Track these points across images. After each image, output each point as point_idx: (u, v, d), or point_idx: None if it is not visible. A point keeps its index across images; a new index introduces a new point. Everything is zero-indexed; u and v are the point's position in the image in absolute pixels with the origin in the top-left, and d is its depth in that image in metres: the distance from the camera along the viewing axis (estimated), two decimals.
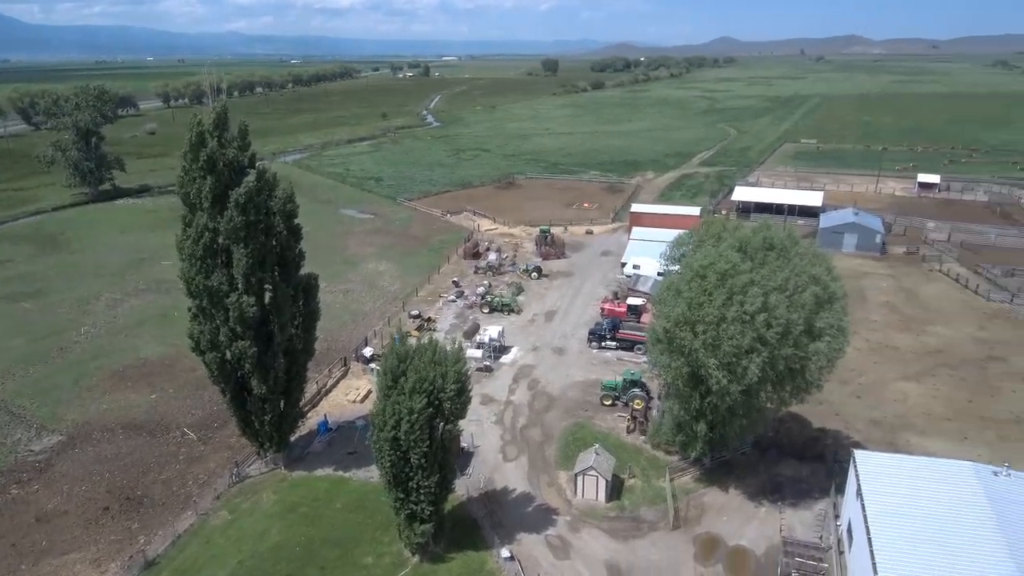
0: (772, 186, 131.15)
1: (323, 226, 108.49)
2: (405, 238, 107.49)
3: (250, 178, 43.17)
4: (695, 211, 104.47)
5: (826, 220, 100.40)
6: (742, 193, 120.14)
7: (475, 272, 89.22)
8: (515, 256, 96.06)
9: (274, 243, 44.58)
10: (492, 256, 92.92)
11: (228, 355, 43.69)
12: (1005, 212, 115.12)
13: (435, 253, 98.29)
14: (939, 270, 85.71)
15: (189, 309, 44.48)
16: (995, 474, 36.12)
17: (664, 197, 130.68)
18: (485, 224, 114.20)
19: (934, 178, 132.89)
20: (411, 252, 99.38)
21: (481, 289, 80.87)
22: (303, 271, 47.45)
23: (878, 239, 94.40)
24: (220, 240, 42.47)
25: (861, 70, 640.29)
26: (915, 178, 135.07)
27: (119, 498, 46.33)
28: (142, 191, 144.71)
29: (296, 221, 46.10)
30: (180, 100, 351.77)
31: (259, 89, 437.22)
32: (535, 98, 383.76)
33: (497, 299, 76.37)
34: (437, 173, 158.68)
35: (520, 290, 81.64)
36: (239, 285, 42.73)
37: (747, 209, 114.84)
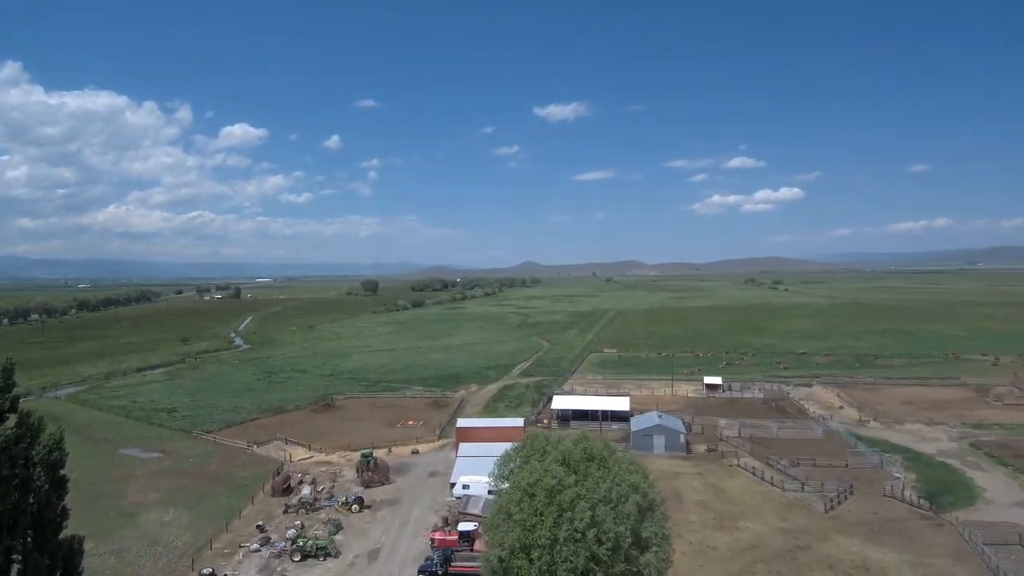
0: (585, 393, 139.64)
1: (96, 471, 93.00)
2: (200, 478, 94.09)
3: (8, 424, 36.46)
4: (519, 422, 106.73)
5: (636, 424, 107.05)
6: (560, 402, 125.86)
7: (285, 512, 79.40)
8: (333, 487, 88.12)
9: (31, 500, 36.70)
10: (306, 490, 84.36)
11: None
12: (780, 406, 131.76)
13: (238, 493, 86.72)
14: (738, 465, 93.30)
15: None
16: None
17: (489, 409, 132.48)
18: (298, 453, 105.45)
19: (717, 379, 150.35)
20: (207, 495, 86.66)
21: (292, 532, 71.49)
22: (65, 533, 39.03)
23: (682, 439, 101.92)
24: None
25: (642, 288, 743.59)
26: (702, 380, 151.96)
27: None
28: None
29: (62, 472, 38.82)
30: None
31: (34, 316, 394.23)
32: (356, 317, 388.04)
33: (310, 542, 67.54)
34: (244, 399, 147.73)
35: (339, 527, 73.60)
36: None
37: (566, 417, 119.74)
